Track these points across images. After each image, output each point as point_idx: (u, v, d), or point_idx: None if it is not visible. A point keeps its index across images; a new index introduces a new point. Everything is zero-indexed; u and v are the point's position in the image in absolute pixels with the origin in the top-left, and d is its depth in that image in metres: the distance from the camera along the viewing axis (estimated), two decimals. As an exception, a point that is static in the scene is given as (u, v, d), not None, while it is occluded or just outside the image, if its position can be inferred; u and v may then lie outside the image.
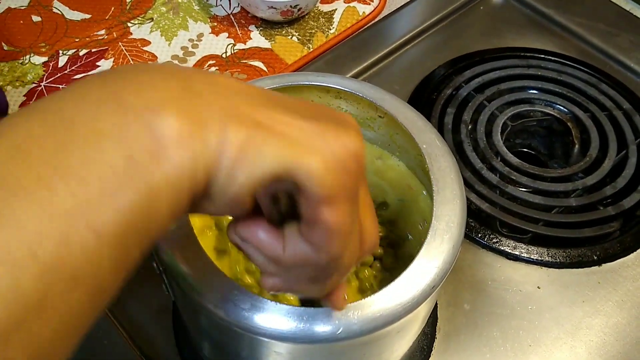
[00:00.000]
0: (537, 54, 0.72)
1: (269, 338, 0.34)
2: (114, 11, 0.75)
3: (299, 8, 0.71)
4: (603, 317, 0.53)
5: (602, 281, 0.55)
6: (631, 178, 0.60)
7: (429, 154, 0.40)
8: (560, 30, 0.76)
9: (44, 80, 0.67)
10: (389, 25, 0.75)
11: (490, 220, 0.58)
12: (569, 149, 0.63)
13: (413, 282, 0.35)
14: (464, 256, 0.56)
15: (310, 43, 0.73)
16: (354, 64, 0.70)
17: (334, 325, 0.33)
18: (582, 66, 0.71)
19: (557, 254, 0.56)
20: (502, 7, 0.79)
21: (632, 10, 0.77)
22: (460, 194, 0.39)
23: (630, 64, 0.72)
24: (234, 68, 0.70)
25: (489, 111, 0.64)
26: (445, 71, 0.70)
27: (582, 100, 0.66)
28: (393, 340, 0.40)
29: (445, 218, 0.37)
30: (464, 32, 0.76)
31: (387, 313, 0.34)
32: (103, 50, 0.70)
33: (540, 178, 0.60)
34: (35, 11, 0.74)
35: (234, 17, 0.75)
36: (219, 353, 0.44)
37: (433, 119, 0.64)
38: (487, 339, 0.52)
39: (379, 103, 0.43)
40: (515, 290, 0.54)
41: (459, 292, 0.54)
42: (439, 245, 0.36)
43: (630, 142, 0.63)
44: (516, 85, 0.68)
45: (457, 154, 0.61)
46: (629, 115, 0.66)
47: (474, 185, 0.59)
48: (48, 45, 0.71)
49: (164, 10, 0.75)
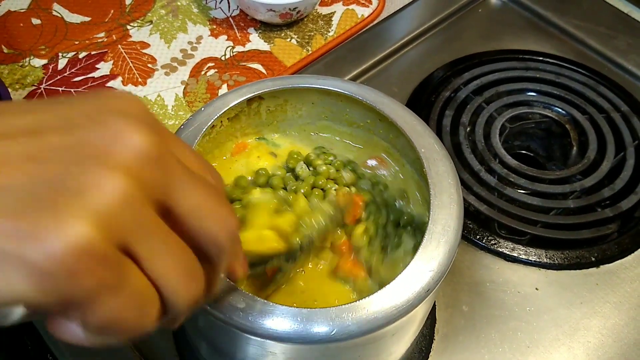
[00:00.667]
0: (535, 56, 0.72)
1: (263, 338, 0.34)
2: (114, 14, 0.75)
3: (297, 11, 0.72)
4: (601, 318, 0.53)
5: (600, 283, 0.55)
6: (629, 180, 0.61)
7: (427, 158, 0.40)
8: (558, 33, 0.76)
9: (44, 82, 0.68)
10: (388, 27, 0.75)
11: (489, 222, 0.58)
12: (567, 151, 0.64)
13: (408, 285, 0.35)
14: (463, 258, 0.56)
15: (309, 45, 0.73)
16: (352, 66, 0.70)
17: (328, 326, 0.33)
18: (580, 68, 0.71)
19: (555, 256, 0.56)
20: (501, 9, 0.79)
21: (630, 13, 0.77)
22: (458, 198, 0.39)
23: (628, 66, 0.72)
24: (233, 70, 0.70)
25: (487, 113, 0.65)
26: (444, 73, 0.70)
27: (580, 103, 0.67)
28: (389, 343, 0.40)
29: (441, 222, 0.38)
30: (462, 34, 0.76)
31: (382, 315, 0.34)
32: (102, 52, 0.71)
33: (538, 180, 0.60)
34: (35, 14, 0.74)
35: (233, 19, 0.75)
36: (216, 354, 0.44)
37: (432, 121, 0.64)
38: (486, 340, 0.52)
39: (379, 107, 0.43)
40: (514, 292, 0.54)
41: (457, 293, 0.54)
42: (434, 249, 0.36)
43: (628, 144, 0.63)
44: (514, 88, 0.68)
45: (455, 156, 0.62)
46: (627, 118, 0.66)
47: (473, 187, 0.59)
48: (48, 47, 0.71)
49: (163, 13, 0.76)
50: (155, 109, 0.66)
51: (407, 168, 0.47)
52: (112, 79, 0.68)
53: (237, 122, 0.45)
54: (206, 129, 0.40)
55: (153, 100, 0.67)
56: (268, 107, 0.46)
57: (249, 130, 0.47)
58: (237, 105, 0.42)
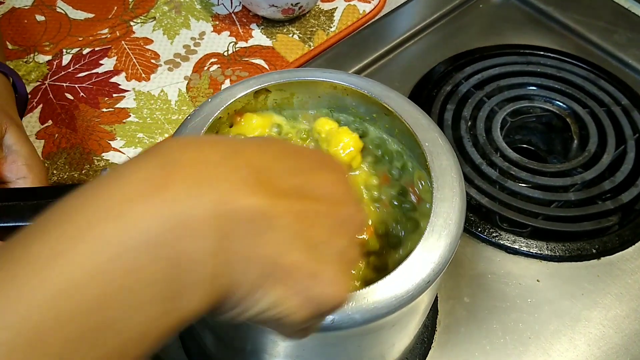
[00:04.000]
0: (536, 51, 0.73)
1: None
2: (117, 10, 0.75)
3: (299, 6, 0.72)
4: (602, 309, 0.54)
5: (601, 274, 0.56)
6: (629, 173, 0.61)
7: (431, 152, 0.41)
8: (559, 28, 0.76)
9: (48, 78, 0.68)
10: (389, 23, 0.76)
11: (490, 215, 0.58)
12: (568, 145, 0.64)
13: (409, 276, 0.36)
14: (464, 250, 0.56)
15: (311, 41, 0.73)
16: (354, 61, 0.71)
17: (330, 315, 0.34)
18: (580, 63, 0.71)
19: (556, 248, 0.57)
20: (502, 4, 0.79)
21: (630, 8, 0.78)
22: (460, 192, 0.40)
23: (628, 60, 0.72)
24: (235, 66, 0.70)
25: (488, 107, 0.65)
26: (445, 68, 0.71)
27: (581, 97, 0.67)
28: (390, 333, 0.40)
29: (443, 215, 0.38)
30: (463, 29, 0.76)
31: (382, 305, 0.35)
32: (106, 48, 0.71)
33: (539, 173, 0.60)
34: (39, 11, 0.75)
35: (235, 15, 0.76)
36: (220, 343, 0.45)
37: (433, 115, 0.65)
38: (487, 332, 0.52)
39: (385, 100, 0.43)
40: (515, 284, 0.55)
41: (459, 285, 0.55)
42: (436, 241, 0.37)
43: (629, 137, 0.64)
44: (515, 82, 0.68)
45: (457, 149, 0.62)
46: (627, 111, 0.66)
47: (474, 180, 0.60)
48: (52, 44, 0.71)
49: (166, 9, 0.76)
50: (158, 104, 0.66)
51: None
52: (116, 75, 0.69)
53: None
54: (212, 120, 0.41)
55: (156, 95, 0.67)
56: (275, 99, 0.46)
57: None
58: (244, 97, 0.43)
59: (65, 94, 0.67)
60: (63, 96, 0.67)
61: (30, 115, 0.65)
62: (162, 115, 0.66)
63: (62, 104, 0.66)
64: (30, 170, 0.49)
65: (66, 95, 0.67)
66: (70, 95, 0.67)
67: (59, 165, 0.61)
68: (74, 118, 0.65)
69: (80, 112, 0.65)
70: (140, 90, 0.68)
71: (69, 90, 0.67)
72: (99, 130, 0.64)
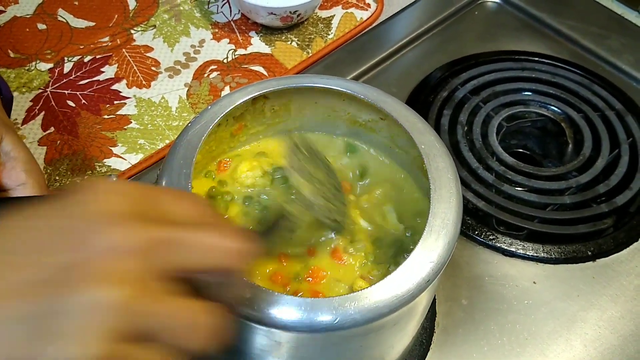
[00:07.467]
0: (531, 56, 0.74)
1: (269, 327, 0.35)
2: (118, 19, 0.76)
3: (298, 14, 0.73)
4: (597, 310, 0.55)
5: (596, 276, 0.57)
6: (624, 176, 0.62)
7: (428, 155, 0.42)
8: (553, 34, 0.78)
9: (50, 86, 0.69)
10: (386, 30, 0.77)
11: (487, 218, 0.59)
12: (563, 149, 0.65)
13: (409, 275, 0.36)
14: (462, 253, 0.57)
15: (310, 48, 0.74)
16: (352, 68, 0.72)
17: (332, 315, 0.35)
18: (574, 68, 0.73)
19: (552, 250, 0.57)
20: (497, 11, 0.81)
21: (623, 14, 0.79)
22: (457, 193, 0.40)
23: (621, 66, 0.73)
24: (235, 73, 0.71)
25: (484, 112, 0.66)
26: (442, 74, 0.72)
27: (575, 101, 0.68)
28: (390, 333, 0.41)
29: (441, 215, 0.39)
30: (459, 36, 0.77)
31: (384, 305, 0.35)
32: (107, 56, 0.72)
33: (535, 177, 0.61)
34: (40, 19, 0.76)
35: (234, 23, 0.77)
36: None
37: (430, 120, 0.66)
38: (485, 333, 0.53)
39: (381, 105, 0.44)
40: (512, 286, 0.56)
41: (456, 287, 0.55)
42: (434, 241, 0.38)
43: (623, 141, 0.65)
44: (511, 87, 0.69)
45: (454, 154, 0.63)
46: (621, 115, 0.67)
47: (471, 184, 0.60)
48: (53, 52, 0.72)
49: (166, 17, 0.77)
50: (159, 111, 0.67)
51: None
52: (117, 82, 0.70)
53: (242, 120, 0.46)
54: (212, 127, 0.41)
55: (157, 102, 0.68)
56: (272, 106, 0.47)
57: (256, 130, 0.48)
58: (243, 104, 0.44)
59: (67, 101, 0.68)
60: (65, 103, 0.67)
61: (32, 122, 0.66)
62: (163, 121, 0.66)
63: (63, 111, 0.67)
64: (29, 176, 0.48)
65: (68, 102, 0.68)
66: (71, 102, 0.68)
67: (61, 172, 0.62)
68: (75, 125, 0.66)
69: (81, 119, 0.66)
70: (141, 97, 0.68)
71: (71, 97, 0.68)
72: (101, 137, 0.65)
